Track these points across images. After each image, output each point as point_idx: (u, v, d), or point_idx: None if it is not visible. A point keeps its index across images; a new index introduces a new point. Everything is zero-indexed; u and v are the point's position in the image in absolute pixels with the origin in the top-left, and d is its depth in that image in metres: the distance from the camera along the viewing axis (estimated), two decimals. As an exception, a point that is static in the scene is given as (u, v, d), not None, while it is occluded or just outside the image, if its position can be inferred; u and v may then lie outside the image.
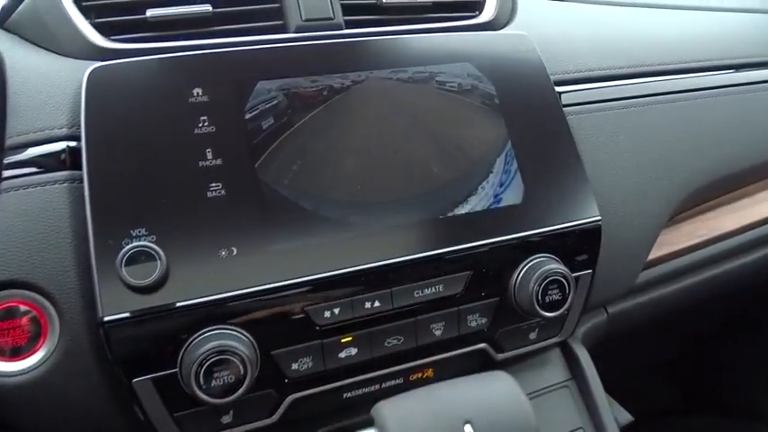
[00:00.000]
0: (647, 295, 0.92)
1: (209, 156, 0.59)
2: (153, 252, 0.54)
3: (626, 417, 0.80)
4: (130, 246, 0.54)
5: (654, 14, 1.01)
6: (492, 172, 0.69)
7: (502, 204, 0.68)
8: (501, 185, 0.69)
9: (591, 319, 0.86)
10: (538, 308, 0.67)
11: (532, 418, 0.53)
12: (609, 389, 0.81)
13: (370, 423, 0.56)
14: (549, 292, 0.67)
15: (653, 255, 0.86)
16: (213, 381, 0.55)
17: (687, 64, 0.91)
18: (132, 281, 0.54)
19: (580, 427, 0.76)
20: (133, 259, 0.54)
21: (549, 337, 0.76)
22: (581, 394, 0.79)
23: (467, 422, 0.51)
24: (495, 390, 0.53)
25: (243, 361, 0.56)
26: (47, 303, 0.56)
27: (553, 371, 0.80)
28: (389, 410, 0.52)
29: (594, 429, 0.76)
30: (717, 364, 1.90)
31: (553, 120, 0.73)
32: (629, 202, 0.80)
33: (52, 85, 0.61)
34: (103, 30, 0.66)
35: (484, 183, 0.68)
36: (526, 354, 0.76)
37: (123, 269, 0.53)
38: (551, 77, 0.75)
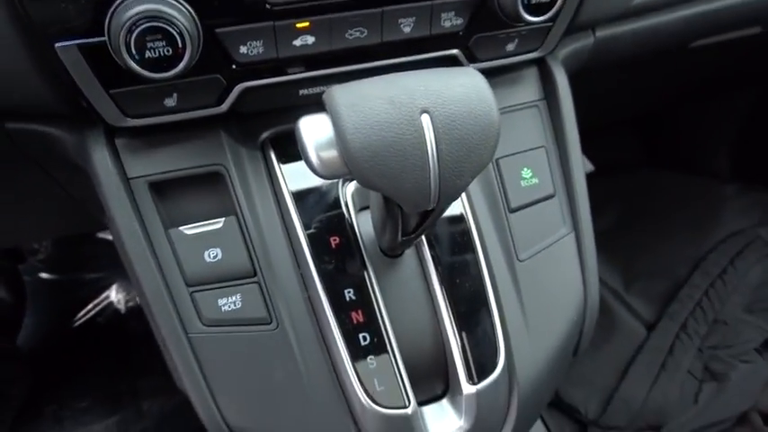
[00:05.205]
0: (642, 22, 0.84)
1: None
2: None
3: (588, 166, 0.79)
4: None
5: None
6: None
7: None
8: None
9: (576, 41, 0.79)
10: (522, 9, 0.60)
11: (495, 114, 0.49)
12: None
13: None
14: (537, -9, 0.60)
15: (658, -28, 0.77)
16: (147, 51, 0.49)
17: None
18: None
19: (542, 146, 0.75)
20: None
21: (528, 51, 0.71)
22: (550, 115, 0.76)
23: (424, 111, 0.47)
24: (459, 82, 0.48)
25: (180, 33, 0.49)
26: None
27: (526, 89, 0.76)
28: (342, 94, 0.47)
29: (557, 149, 0.75)
30: (680, 123, 1.93)
31: None
32: None
33: None
34: None
35: None
36: (500, 68, 0.71)
37: None
38: None
